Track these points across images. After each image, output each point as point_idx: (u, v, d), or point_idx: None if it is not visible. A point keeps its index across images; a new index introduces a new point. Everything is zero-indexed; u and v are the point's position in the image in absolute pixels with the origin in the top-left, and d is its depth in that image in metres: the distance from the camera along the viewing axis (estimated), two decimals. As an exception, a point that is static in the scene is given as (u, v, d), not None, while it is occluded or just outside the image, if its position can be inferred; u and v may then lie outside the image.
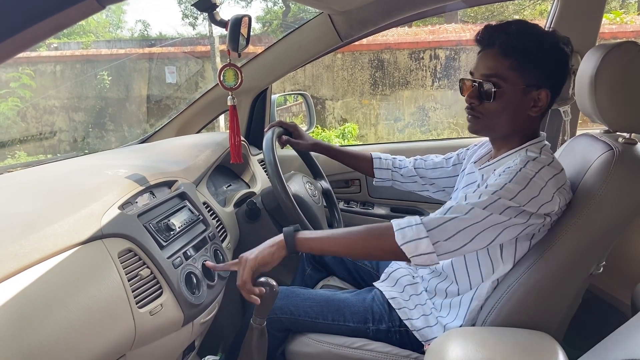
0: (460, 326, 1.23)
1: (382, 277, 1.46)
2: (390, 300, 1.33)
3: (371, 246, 1.11)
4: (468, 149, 1.50)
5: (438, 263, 1.09)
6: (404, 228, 1.08)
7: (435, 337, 1.24)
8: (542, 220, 1.11)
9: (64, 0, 0.49)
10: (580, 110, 1.33)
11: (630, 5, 9.87)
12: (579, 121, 1.79)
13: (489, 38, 1.17)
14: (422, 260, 1.07)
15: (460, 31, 7.50)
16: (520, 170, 1.08)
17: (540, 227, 1.13)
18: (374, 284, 1.43)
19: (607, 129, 1.26)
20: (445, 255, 1.08)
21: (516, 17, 10.20)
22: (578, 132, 1.74)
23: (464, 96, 1.23)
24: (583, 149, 1.28)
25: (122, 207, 1.08)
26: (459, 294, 1.28)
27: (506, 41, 1.14)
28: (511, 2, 9.91)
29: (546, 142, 1.22)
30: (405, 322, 1.29)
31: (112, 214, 1.03)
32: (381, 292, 1.38)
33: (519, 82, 1.15)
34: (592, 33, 1.63)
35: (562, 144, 1.65)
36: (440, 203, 1.53)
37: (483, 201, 1.06)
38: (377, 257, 1.24)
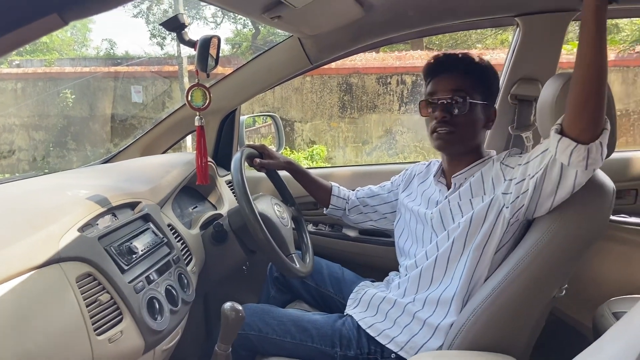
0: (452, 324, 1.23)
1: (351, 303, 1.45)
2: (367, 330, 1.32)
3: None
4: (402, 175, 1.63)
5: (595, 166, 1.06)
6: None
7: (426, 343, 1.24)
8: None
9: (25, 15, 0.48)
10: (541, 136, 1.37)
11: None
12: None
13: (450, 63, 1.34)
14: (597, 148, 1.04)
15: (426, 58, 7.69)
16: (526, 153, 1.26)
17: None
18: (347, 311, 1.42)
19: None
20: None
21: (479, 45, 10.57)
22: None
23: (425, 116, 1.37)
24: None
25: (81, 229, 1.04)
26: (442, 279, 1.30)
27: (467, 64, 1.34)
28: (474, 31, 10.27)
29: None
30: (388, 346, 1.27)
31: (71, 237, 0.99)
32: (352, 318, 1.36)
33: (479, 98, 1.32)
34: (552, 62, 1.69)
35: (524, 168, 1.69)
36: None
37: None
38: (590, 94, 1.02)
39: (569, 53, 6.82)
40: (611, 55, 7.03)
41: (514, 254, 1.19)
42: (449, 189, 1.39)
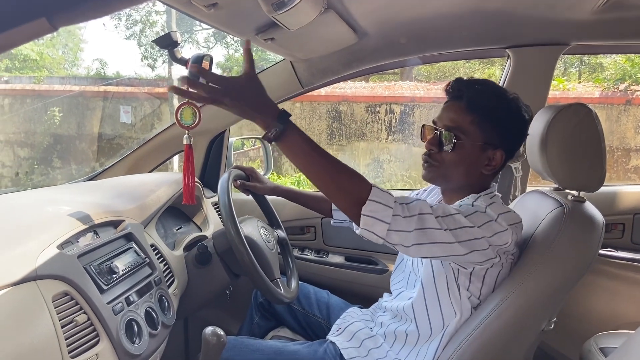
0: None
1: (335, 329, 1.41)
2: None
3: (342, 180, 1.02)
4: (418, 194, 1.52)
5: (381, 239, 1.01)
6: (382, 190, 1.03)
7: None
8: (494, 257, 1.11)
9: (11, 19, 0.46)
10: (530, 167, 1.37)
11: (571, 74, 10.62)
12: (529, 177, 1.85)
13: (458, 90, 1.21)
14: (371, 224, 0.99)
15: (415, 88, 7.81)
16: (472, 205, 1.12)
17: (489, 265, 1.13)
18: (329, 337, 1.38)
19: (556, 186, 1.30)
20: (394, 236, 1.01)
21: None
22: (528, 189, 1.79)
23: (423, 142, 1.25)
24: (534, 205, 1.31)
25: (61, 246, 1.00)
26: (419, 337, 1.24)
27: (474, 97, 1.18)
28: (462, 64, 10.48)
29: (497, 193, 1.24)
30: None
31: (50, 254, 0.95)
32: (334, 345, 1.33)
33: (478, 138, 1.18)
34: (542, 94, 1.71)
35: (513, 199, 1.69)
36: (393, 253, 1.50)
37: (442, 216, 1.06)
38: (336, 195, 1.04)
39: (554, 89, 6.99)
40: (595, 93, 7.19)
41: (502, 287, 1.17)
42: None
